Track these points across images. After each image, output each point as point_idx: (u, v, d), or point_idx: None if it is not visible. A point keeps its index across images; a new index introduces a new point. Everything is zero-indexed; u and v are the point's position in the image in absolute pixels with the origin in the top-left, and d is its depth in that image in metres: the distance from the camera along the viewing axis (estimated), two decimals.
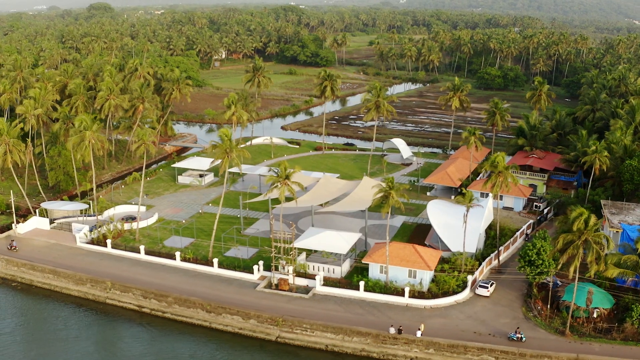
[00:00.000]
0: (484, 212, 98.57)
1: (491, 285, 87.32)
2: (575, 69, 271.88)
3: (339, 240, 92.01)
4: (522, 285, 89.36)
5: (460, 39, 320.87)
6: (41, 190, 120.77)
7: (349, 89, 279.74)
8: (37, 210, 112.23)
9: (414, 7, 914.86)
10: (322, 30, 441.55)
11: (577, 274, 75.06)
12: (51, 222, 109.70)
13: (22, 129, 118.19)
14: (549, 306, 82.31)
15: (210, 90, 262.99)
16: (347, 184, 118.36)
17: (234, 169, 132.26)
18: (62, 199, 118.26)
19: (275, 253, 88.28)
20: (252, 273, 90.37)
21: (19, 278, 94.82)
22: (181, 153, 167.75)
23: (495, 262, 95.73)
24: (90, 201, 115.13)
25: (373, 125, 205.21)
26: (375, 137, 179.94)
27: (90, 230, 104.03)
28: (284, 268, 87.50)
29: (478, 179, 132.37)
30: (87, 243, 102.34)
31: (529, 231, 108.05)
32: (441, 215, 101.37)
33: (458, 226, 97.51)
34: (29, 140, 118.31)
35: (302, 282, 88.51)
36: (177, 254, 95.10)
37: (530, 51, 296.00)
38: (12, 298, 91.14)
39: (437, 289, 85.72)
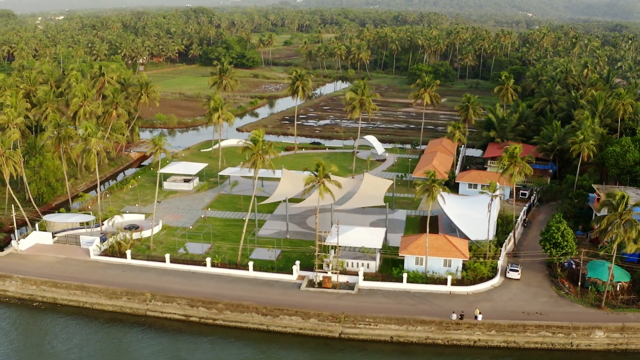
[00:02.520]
0: (497, 201, 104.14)
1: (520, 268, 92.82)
2: (501, 62, 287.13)
3: (371, 236, 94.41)
4: (541, 266, 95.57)
5: (387, 37, 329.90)
6: (34, 204, 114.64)
7: (283, 89, 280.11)
8: (36, 224, 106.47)
9: (313, 6, 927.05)
10: (240, 31, 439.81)
11: (615, 252, 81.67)
12: (52, 235, 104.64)
13: None
14: (579, 284, 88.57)
15: None
16: (347, 182, 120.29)
17: (224, 172, 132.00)
18: (59, 211, 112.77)
19: (318, 252, 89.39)
20: (292, 273, 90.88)
21: (39, 297, 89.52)
22: (145, 159, 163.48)
23: (510, 246, 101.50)
24: (90, 212, 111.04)
25: (326, 125, 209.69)
26: (343, 135, 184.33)
27: (103, 241, 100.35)
28: (328, 266, 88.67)
29: (457, 171, 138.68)
30: (101, 255, 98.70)
31: (524, 217, 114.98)
32: (454, 206, 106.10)
33: (472, 216, 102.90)
34: (18, 150, 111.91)
35: (341, 278, 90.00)
36: (208, 260, 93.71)
37: (456, 47, 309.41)
38: (39, 319, 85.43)
39: (473, 276, 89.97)
